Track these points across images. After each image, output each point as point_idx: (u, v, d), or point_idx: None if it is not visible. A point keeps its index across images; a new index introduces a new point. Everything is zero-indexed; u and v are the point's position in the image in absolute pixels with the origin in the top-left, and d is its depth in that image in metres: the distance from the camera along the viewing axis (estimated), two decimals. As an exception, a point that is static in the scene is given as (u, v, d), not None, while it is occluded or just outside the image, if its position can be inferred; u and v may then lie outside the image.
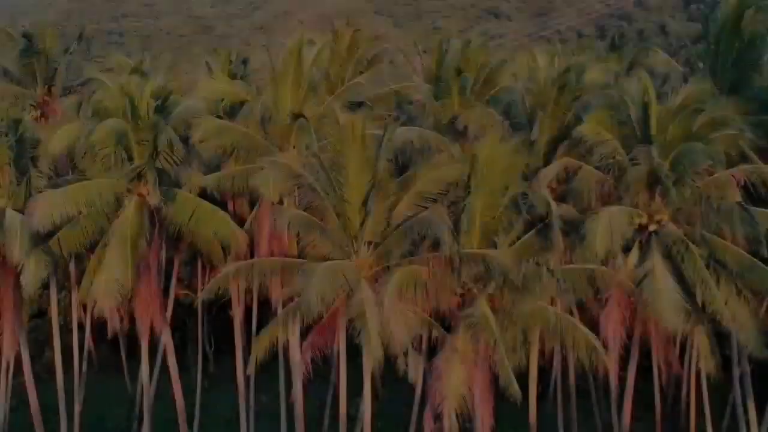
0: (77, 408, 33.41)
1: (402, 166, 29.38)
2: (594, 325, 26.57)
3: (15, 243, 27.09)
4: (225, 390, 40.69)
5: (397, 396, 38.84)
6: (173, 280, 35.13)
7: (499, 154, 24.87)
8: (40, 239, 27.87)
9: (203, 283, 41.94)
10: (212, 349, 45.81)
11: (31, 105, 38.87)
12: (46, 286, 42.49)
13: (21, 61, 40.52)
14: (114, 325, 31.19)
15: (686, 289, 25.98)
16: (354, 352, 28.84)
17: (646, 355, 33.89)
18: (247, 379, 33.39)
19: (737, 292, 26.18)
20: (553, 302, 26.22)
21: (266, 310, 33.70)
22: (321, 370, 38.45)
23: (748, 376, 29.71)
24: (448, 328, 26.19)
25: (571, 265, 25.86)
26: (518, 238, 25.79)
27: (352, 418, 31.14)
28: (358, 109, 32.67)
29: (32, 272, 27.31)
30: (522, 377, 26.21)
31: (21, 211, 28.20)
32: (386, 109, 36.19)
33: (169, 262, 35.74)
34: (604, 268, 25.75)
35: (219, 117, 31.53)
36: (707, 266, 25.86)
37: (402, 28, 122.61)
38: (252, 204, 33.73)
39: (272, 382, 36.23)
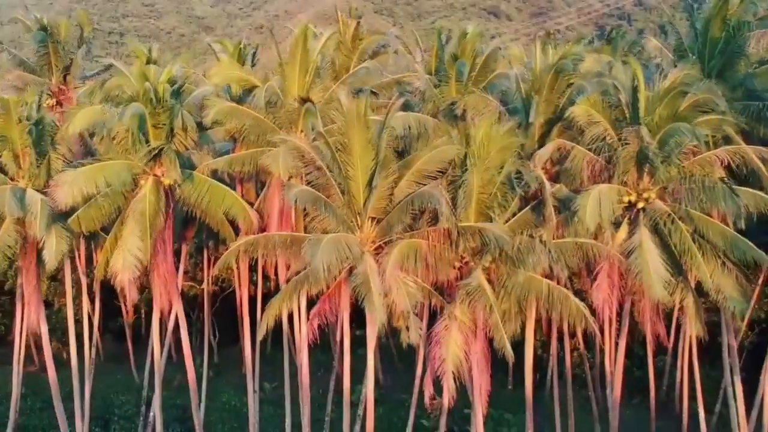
0: (87, 394, 34.33)
1: (402, 153, 30.34)
2: (590, 310, 27.56)
3: (36, 220, 28.25)
4: (229, 379, 42.12)
5: (397, 384, 40.26)
6: (180, 272, 36.13)
7: (495, 134, 26.19)
8: (59, 218, 29.11)
9: (208, 275, 43.22)
10: (216, 339, 47.03)
11: (47, 94, 39.97)
12: (53, 278, 43.75)
13: (37, 52, 41.83)
14: (133, 297, 32.18)
15: (673, 261, 27.24)
16: (356, 345, 30.11)
17: (641, 344, 35.02)
18: (253, 365, 34.43)
19: (721, 265, 27.48)
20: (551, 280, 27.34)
21: (270, 299, 34.71)
22: (323, 362, 39.79)
23: (737, 362, 31.02)
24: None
25: (564, 239, 27.04)
26: (513, 215, 27.06)
27: (354, 404, 32.13)
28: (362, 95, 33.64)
29: (54, 246, 28.49)
30: (519, 368, 27.19)
31: (41, 192, 29.32)
32: (388, 98, 37.17)
33: (175, 254, 36.63)
34: (595, 242, 26.94)
35: (227, 103, 32.51)
36: (692, 241, 27.07)
37: (402, 27, 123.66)
38: (259, 190, 34.98)
39: (276, 374, 37.46)
